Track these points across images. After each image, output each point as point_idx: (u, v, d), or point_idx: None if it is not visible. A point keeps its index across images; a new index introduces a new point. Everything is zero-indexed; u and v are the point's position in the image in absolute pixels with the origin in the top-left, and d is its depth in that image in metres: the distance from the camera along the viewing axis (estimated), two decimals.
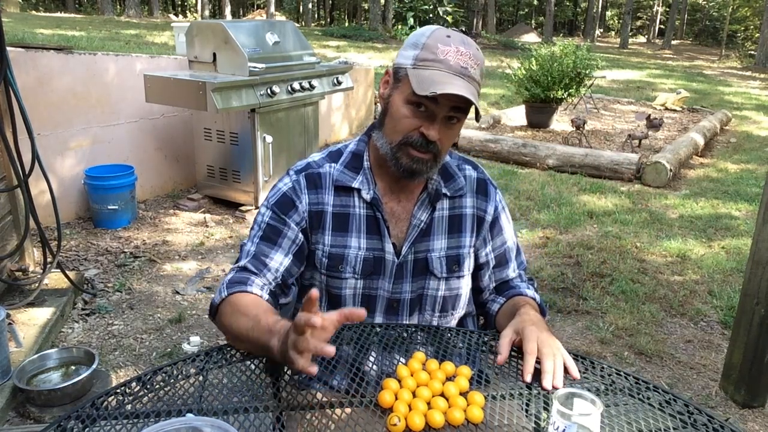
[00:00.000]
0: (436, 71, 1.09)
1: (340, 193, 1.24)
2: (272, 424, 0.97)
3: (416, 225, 1.24)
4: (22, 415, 2.18)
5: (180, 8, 38.13)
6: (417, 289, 1.27)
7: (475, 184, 1.31)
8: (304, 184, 1.24)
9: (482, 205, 1.31)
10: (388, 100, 1.18)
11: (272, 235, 1.22)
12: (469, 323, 1.40)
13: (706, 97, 11.73)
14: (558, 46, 7.82)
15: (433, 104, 1.10)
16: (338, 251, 1.23)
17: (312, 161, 1.28)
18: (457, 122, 1.15)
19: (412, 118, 1.12)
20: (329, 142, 6.19)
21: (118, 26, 13.54)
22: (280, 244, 1.21)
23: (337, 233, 1.23)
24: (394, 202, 1.25)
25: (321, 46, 13.84)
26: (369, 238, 1.23)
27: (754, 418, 2.37)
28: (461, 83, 1.08)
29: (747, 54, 26.37)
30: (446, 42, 1.11)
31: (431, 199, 1.25)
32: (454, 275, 1.28)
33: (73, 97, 3.84)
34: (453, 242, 1.27)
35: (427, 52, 1.11)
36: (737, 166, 6.53)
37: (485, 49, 19.48)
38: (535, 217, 4.58)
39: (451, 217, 1.28)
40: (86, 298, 3.04)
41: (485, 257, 1.32)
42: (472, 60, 1.11)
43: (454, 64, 1.09)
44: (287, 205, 1.23)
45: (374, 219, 1.23)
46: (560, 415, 0.86)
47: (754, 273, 2.34)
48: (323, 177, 1.24)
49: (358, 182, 1.23)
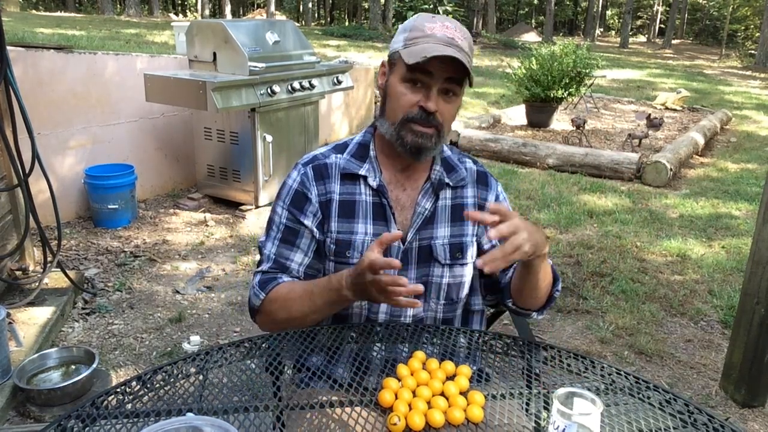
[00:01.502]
0: (425, 44, 1.14)
1: (346, 181, 1.27)
2: (272, 423, 0.97)
3: (421, 213, 1.26)
4: (22, 414, 2.18)
5: (180, 7, 38.12)
6: (422, 276, 1.28)
7: (476, 175, 1.35)
8: (312, 175, 1.27)
9: (483, 195, 1.34)
10: (387, 85, 1.23)
11: (290, 236, 1.26)
12: (475, 321, 1.40)
13: (707, 97, 11.73)
14: (558, 45, 7.82)
15: (427, 77, 1.15)
16: (345, 237, 1.25)
17: (318, 153, 1.31)
18: (454, 96, 1.19)
19: (409, 94, 1.17)
20: (329, 141, 6.19)
21: (118, 25, 13.53)
22: (299, 245, 1.26)
23: (343, 220, 1.25)
24: (399, 190, 1.28)
25: (321, 45, 13.83)
26: (375, 224, 1.26)
27: (754, 417, 2.37)
28: (450, 50, 1.12)
29: (747, 53, 26.36)
30: (432, 21, 1.18)
31: (434, 188, 1.28)
32: (458, 262, 1.29)
33: (73, 97, 3.84)
34: (456, 230, 1.30)
35: (415, 31, 1.17)
36: (737, 166, 6.53)
37: (485, 48, 19.49)
38: (535, 216, 4.57)
39: (454, 207, 1.30)
40: (86, 298, 3.04)
41: (488, 242, 1.33)
42: (458, 32, 1.17)
43: (441, 36, 1.15)
44: (301, 200, 1.26)
45: (380, 205, 1.26)
46: (560, 415, 0.86)
47: (754, 272, 2.34)
48: (329, 167, 1.28)
49: (365, 170, 1.26)
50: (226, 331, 2.86)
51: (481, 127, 7.32)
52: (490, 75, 12.54)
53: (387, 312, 1.27)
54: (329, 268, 1.27)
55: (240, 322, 2.93)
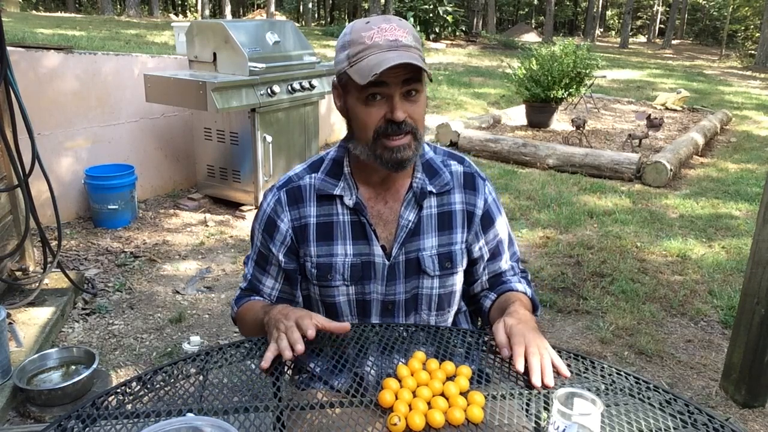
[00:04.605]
0: (369, 57, 1.08)
1: (323, 202, 1.24)
2: (272, 423, 0.97)
3: (404, 225, 1.23)
4: (22, 414, 2.18)
5: (180, 8, 38.12)
6: (411, 289, 1.26)
7: (462, 178, 1.29)
8: (285, 200, 1.25)
9: (471, 200, 1.29)
10: (346, 109, 1.19)
11: (262, 261, 1.30)
12: (462, 321, 1.39)
13: (707, 97, 11.73)
14: (558, 45, 7.82)
15: (384, 88, 1.10)
16: (325, 260, 1.24)
17: (293, 174, 1.28)
18: (417, 94, 1.13)
19: (373, 111, 1.12)
20: (329, 141, 6.19)
21: (118, 26, 13.54)
22: (269, 271, 1.30)
23: (322, 243, 1.24)
24: (381, 204, 1.25)
25: (321, 45, 13.83)
26: (355, 244, 1.23)
27: (754, 417, 2.37)
28: (396, 54, 1.07)
29: (747, 54, 26.35)
30: (367, 28, 1.10)
31: (417, 199, 1.24)
32: (448, 272, 1.27)
33: (73, 97, 3.84)
34: (444, 239, 1.27)
35: (355, 45, 1.10)
36: (737, 166, 6.53)
37: (485, 48, 19.50)
38: (535, 216, 4.57)
39: (441, 215, 1.27)
40: (86, 298, 3.04)
41: (479, 251, 1.31)
42: (399, 31, 1.10)
43: (383, 43, 1.08)
44: (271, 227, 1.26)
45: (359, 224, 1.23)
46: (560, 415, 0.86)
47: (754, 273, 2.34)
48: (303, 189, 1.25)
49: (340, 189, 1.23)
50: (226, 331, 2.86)
51: (481, 128, 7.32)
52: (490, 75, 12.54)
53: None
54: (314, 292, 1.27)
55: None
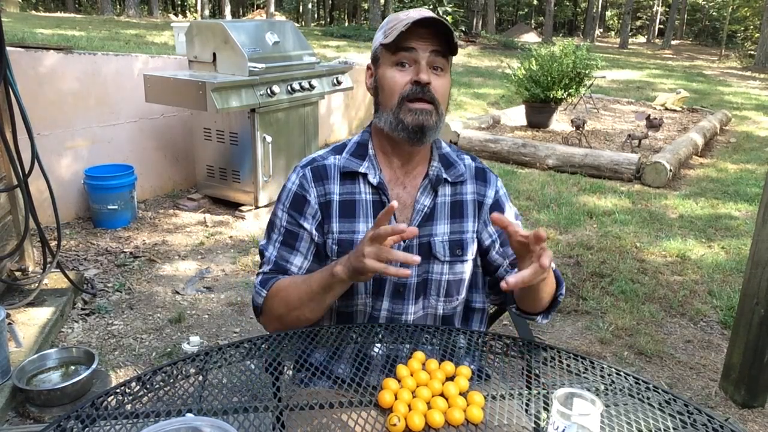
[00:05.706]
0: (401, 24, 1.17)
1: (346, 180, 1.27)
2: (272, 424, 0.97)
3: (420, 210, 1.27)
4: (21, 414, 2.18)
5: (180, 8, 38.13)
6: (422, 273, 1.29)
7: (474, 171, 1.35)
8: (311, 177, 1.28)
9: (482, 190, 1.34)
10: (376, 82, 1.25)
11: (290, 239, 1.27)
12: (476, 320, 1.39)
13: (706, 97, 11.73)
14: (558, 46, 7.82)
15: (413, 53, 1.18)
16: (347, 237, 1.26)
17: (317, 155, 1.32)
18: (442, 72, 1.21)
19: (400, 75, 1.20)
20: (329, 142, 6.19)
21: (117, 26, 13.54)
22: (299, 248, 1.27)
23: (345, 220, 1.26)
24: (400, 188, 1.29)
25: (321, 46, 13.84)
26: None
27: (753, 418, 2.37)
28: (428, 15, 1.16)
29: (747, 54, 26.37)
30: (404, 11, 1.22)
31: (433, 185, 1.28)
32: (458, 259, 1.30)
33: (73, 97, 3.84)
34: (456, 227, 1.30)
35: (391, 22, 1.22)
36: (737, 166, 6.53)
37: (485, 49, 19.49)
38: (535, 217, 4.57)
39: (453, 203, 1.31)
40: (86, 298, 3.04)
41: (489, 238, 1.33)
42: (432, 12, 1.20)
43: (416, 15, 1.17)
44: (300, 203, 1.27)
45: (381, 204, 1.26)
46: (560, 415, 0.86)
47: (753, 273, 2.34)
48: (328, 168, 1.29)
49: (365, 167, 1.27)
50: (226, 331, 2.86)
51: (481, 128, 7.32)
52: (489, 75, 12.55)
53: (389, 309, 1.27)
54: None
55: (239, 323, 2.93)
